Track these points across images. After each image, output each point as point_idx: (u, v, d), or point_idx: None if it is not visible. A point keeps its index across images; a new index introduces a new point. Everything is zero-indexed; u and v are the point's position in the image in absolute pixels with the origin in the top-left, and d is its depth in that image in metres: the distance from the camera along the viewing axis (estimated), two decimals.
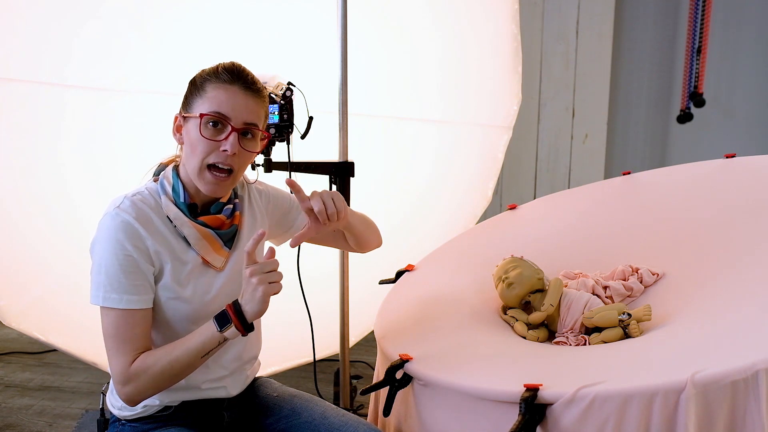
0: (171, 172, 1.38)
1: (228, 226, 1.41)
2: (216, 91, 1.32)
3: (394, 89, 2.61)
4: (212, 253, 1.38)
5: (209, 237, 1.37)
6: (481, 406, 1.23)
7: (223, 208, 1.40)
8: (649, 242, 1.76)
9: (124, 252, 1.28)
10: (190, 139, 1.34)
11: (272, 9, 2.29)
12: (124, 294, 1.28)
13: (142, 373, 1.27)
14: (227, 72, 1.34)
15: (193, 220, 1.36)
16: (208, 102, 1.32)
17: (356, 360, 2.95)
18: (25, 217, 2.22)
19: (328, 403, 1.53)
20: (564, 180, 3.95)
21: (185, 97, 1.37)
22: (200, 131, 1.31)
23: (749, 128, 3.89)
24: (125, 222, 1.29)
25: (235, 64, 1.36)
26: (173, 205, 1.35)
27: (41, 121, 2.17)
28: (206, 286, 1.38)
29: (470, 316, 1.64)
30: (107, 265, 1.28)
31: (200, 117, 1.31)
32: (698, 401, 1.07)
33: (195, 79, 1.36)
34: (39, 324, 2.31)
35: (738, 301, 1.39)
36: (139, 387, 1.28)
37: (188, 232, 1.35)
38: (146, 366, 1.27)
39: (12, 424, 2.53)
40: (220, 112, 1.32)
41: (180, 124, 1.37)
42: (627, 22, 3.89)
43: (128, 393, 1.29)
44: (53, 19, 2.10)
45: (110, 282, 1.28)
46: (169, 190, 1.36)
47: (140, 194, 1.35)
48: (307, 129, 2.03)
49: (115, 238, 1.28)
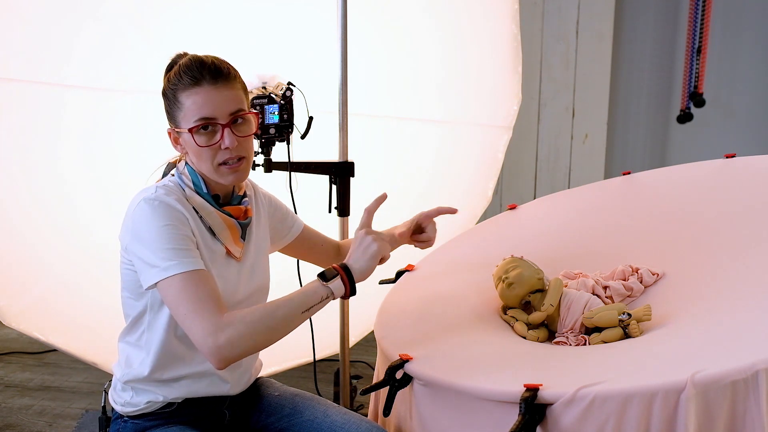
0: (186, 167, 1.40)
1: (245, 217, 1.44)
2: (190, 98, 1.33)
3: (394, 89, 2.61)
4: (233, 244, 1.41)
5: (233, 227, 1.40)
6: (481, 406, 1.23)
7: (242, 200, 1.44)
8: (649, 242, 1.76)
9: (172, 223, 1.28)
10: (192, 150, 1.36)
11: (272, 9, 2.29)
12: (184, 258, 1.26)
13: (238, 321, 1.22)
14: (189, 73, 1.32)
15: (219, 210, 1.39)
16: (189, 112, 1.33)
17: (356, 360, 2.95)
18: (25, 217, 2.22)
19: (330, 401, 1.53)
20: (564, 180, 3.95)
21: (166, 111, 1.39)
22: (196, 142, 1.33)
23: (749, 128, 3.89)
24: (166, 206, 1.30)
25: (192, 60, 1.34)
26: (198, 196, 1.37)
27: (41, 121, 2.17)
28: (230, 277, 1.40)
29: (470, 316, 1.64)
30: (157, 241, 1.26)
31: (190, 132, 1.33)
32: (698, 401, 1.07)
33: (164, 91, 1.37)
34: (39, 324, 2.31)
35: (738, 301, 1.39)
36: (234, 335, 1.20)
37: (214, 222, 1.38)
38: (242, 314, 1.23)
39: (12, 424, 2.53)
40: (204, 117, 1.33)
41: (176, 137, 1.39)
42: (627, 22, 3.89)
43: (221, 345, 1.19)
44: (53, 19, 2.10)
45: (164, 255, 1.26)
46: (190, 183, 1.38)
47: (166, 186, 1.36)
48: (307, 129, 2.03)
49: (159, 216, 1.28)
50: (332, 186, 2.10)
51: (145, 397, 1.40)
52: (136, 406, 1.41)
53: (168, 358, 1.39)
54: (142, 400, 1.40)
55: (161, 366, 1.39)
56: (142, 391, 1.41)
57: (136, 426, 1.42)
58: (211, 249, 1.38)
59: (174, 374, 1.40)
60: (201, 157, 1.35)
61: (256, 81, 2.03)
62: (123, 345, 1.44)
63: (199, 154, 1.35)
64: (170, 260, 1.26)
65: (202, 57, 1.35)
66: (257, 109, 1.92)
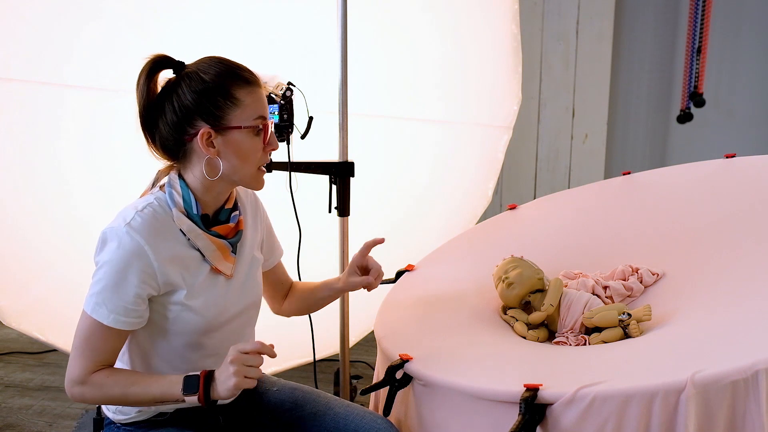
0: (178, 181, 1.33)
1: (234, 233, 1.39)
2: (249, 96, 1.30)
3: (394, 89, 2.61)
4: (223, 262, 1.36)
5: (222, 247, 1.36)
6: (481, 406, 1.24)
7: (231, 215, 1.39)
8: (649, 242, 1.76)
9: (125, 277, 1.25)
10: (239, 150, 1.30)
11: (272, 9, 2.29)
12: (113, 313, 1.26)
13: (97, 388, 1.27)
14: (246, 73, 1.32)
15: (208, 232, 1.34)
16: (249, 109, 1.30)
17: (356, 360, 2.95)
18: (25, 217, 2.22)
19: (330, 394, 1.53)
20: (564, 180, 3.95)
21: (206, 108, 1.28)
22: (261, 140, 1.32)
23: (749, 128, 3.89)
24: (135, 245, 1.25)
25: (232, 61, 1.34)
26: (186, 218, 1.32)
27: (41, 121, 2.17)
28: (217, 297, 1.36)
29: (470, 316, 1.64)
30: (105, 281, 1.26)
31: (261, 127, 1.31)
32: (698, 401, 1.07)
33: (214, 87, 1.28)
34: (39, 324, 2.31)
35: (738, 301, 1.39)
36: (87, 397, 1.28)
37: (203, 245, 1.33)
38: (104, 384, 1.27)
39: (12, 424, 2.53)
40: (262, 115, 1.32)
41: (212, 137, 1.30)
42: (627, 22, 3.89)
43: (75, 395, 1.28)
44: (53, 19, 2.10)
45: (104, 297, 1.25)
46: (180, 201, 1.32)
47: (150, 207, 1.30)
48: (307, 129, 2.03)
49: (121, 261, 1.25)
50: (332, 186, 2.10)
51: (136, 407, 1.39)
52: (126, 414, 1.40)
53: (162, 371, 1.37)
54: (133, 409, 1.39)
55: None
56: None
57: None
58: (192, 272, 1.33)
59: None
60: (248, 159, 1.32)
61: None
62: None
63: (247, 155, 1.31)
64: (104, 306, 1.25)
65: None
66: None
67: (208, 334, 1.36)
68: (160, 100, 1.32)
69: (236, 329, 1.43)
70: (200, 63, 1.32)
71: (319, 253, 2.33)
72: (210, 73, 1.29)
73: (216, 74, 1.29)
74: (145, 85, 1.31)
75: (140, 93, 1.31)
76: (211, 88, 1.28)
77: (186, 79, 1.30)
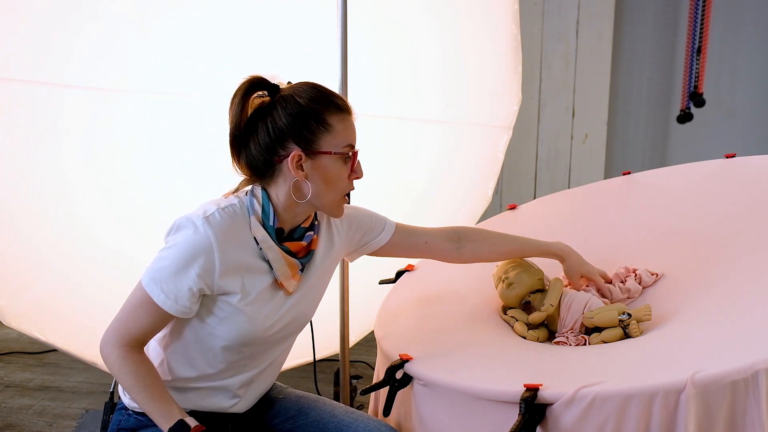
0: (261, 192, 1.36)
1: (305, 253, 1.40)
2: (342, 123, 1.33)
3: (394, 89, 2.61)
4: (289, 279, 1.38)
5: (292, 264, 1.37)
6: (481, 406, 1.24)
7: (305, 234, 1.40)
8: (649, 242, 1.76)
9: (186, 268, 1.27)
10: (327, 176, 1.34)
11: (272, 9, 2.29)
12: (163, 293, 1.28)
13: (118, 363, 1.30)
14: (339, 100, 1.35)
15: (279, 246, 1.35)
16: (340, 136, 1.33)
17: (356, 360, 2.95)
18: (26, 217, 2.22)
19: (335, 402, 1.53)
20: (564, 180, 3.95)
21: (299, 131, 1.31)
22: (349, 167, 1.35)
23: (749, 128, 3.89)
24: (206, 242, 1.28)
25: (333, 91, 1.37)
26: (261, 227, 1.34)
27: (41, 121, 2.16)
28: (272, 310, 1.37)
29: (470, 316, 1.64)
30: (166, 264, 1.28)
31: (350, 154, 1.34)
32: (698, 401, 1.07)
33: (309, 112, 1.32)
34: (39, 324, 2.31)
35: (738, 302, 1.39)
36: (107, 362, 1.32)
37: (273, 257, 1.35)
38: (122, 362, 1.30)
39: (12, 424, 2.53)
40: (351, 143, 1.35)
41: (302, 160, 1.32)
42: (627, 22, 3.89)
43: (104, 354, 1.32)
44: (53, 19, 2.10)
45: (161, 276, 1.28)
46: (259, 210, 1.34)
47: (232, 207, 1.33)
48: None
49: (188, 251, 1.28)
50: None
51: None
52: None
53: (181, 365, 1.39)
54: None
55: (173, 370, 1.39)
56: None
57: (138, 421, 1.42)
58: (254, 279, 1.34)
59: (183, 384, 1.40)
60: (335, 185, 1.35)
61: None
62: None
63: (334, 182, 1.35)
64: (158, 284, 1.28)
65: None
66: None
67: (250, 346, 1.37)
68: (253, 120, 1.34)
69: (279, 339, 1.44)
70: (296, 87, 1.35)
71: None
72: (305, 98, 1.32)
73: (311, 99, 1.32)
74: (239, 105, 1.33)
75: (234, 112, 1.33)
76: (306, 112, 1.32)
77: (282, 101, 1.33)
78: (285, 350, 1.50)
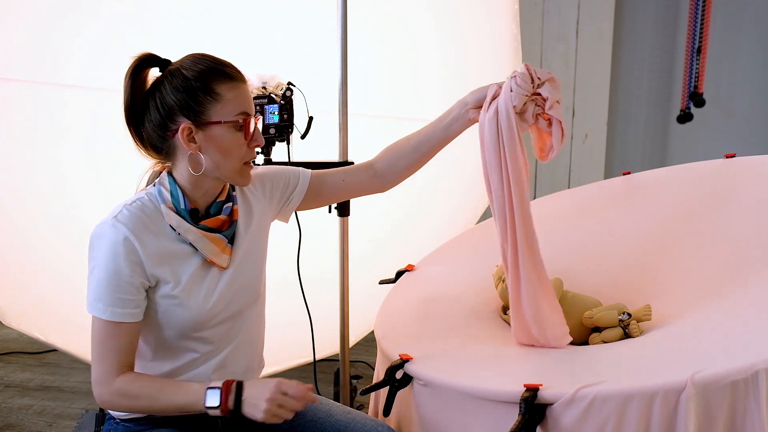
0: (167, 178, 1.35)
1: (229, 225, 1.39)
2: (232, 91, 1.31)
3: (394, 89, 2.61)
4: (219, 255, 1.37)
5: (216, 239, 1.36)
6: (481, 406, 1.24)
7: (223, 207, 1.39)
8: (649, 242, 1.76)
9: (115, 266, 1.27)
10: (221, 145, 1.32)
11: (272, 9, 2.29)
12: (110, 306, 1.28)
13: (124, 397, 1.30)
14: (228, 69, 1.33)
15: (197, 226, 1.34)
16: (230, 105, 1.31)
17: (356, 360, 2.95)
18: (26, 217, 2.22)
19: (333, 401, 1.52)
20: (564, 180, 3.95)
21: (187, 104, 1.31)
22: (244, 135, 1.32)
23: (749, 128, 3.89)
24: (121, 236, 1.27)
25: (218, 58, 1.34)
26: (174, 213, 1.33)
27: (41, 121, 2.17)
28: (209, 289, 1.36)
29: (470, 316, 1.64)
30: (98, 275, 1.28)
31: (233, 123, 1.31)
32: (698, 401, 1.07)
33: (194, 83, 1.31)
34: (39, 324, 2.31)
35: (738, 302, 1.39)
36: (115, 402, 1.32)
37: (194, 238, 1.34)
38: (130, 394, 1.29)
39: (12, 424, 2.53)
40: (245, 111, 1.32)
41: (193, 132, 1.32)
42: (627, 22, 3.89)
43: (104, 401, 1.32)
44: (53, 19, 2.10)
45: (99, 292, 1.28)
46: (168, 197, 1.34)
47: (140, 201, 1.33)
48: (307, 129, 2.04)
49: (109, 251, 1.27)
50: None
51: None
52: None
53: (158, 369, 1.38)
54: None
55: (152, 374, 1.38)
56: None
57: (126, 429, 1.41)
58: (182, 265, 1.34)
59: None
60: (231, 154, 1.32)
61: (256, 81, 2.03)
62: None
63: (230, 150, 1.32)
64: (101, 301, 1.27)
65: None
66: (257, 109, 1.92)
67: (199, 329, 1.36)
68: (145, 98, 1.34)
69: (232, 315, 1.42)
70: (184, 60, 1.34)
71: (319, 253, 2.33)
72: (192, 70, 1.31)
73: (198, 71, 1.31)
74: (129, 83, 1.33)
75: (125, 92, 1.34)
76: (193, 85, 1.31)
77: (169, 76, 1.32)
78: (249, 326, 1.47)
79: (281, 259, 2.08)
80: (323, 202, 1.61)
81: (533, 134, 1.48)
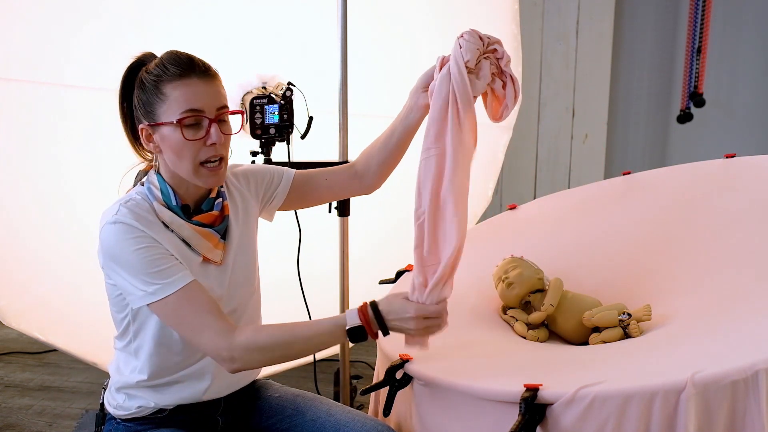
0: (155, 176, 1.35)
1: (221, 220, 1.39)
2: (177, 90, 1.28)
3: (394, 89, 2.61)
4: (212, 250, 1.37)
5: (208, 235, 1.36)
6: (481, 406, 1.24)
7: (215, 204, 1.38)
8: (649, 242, 1.76)
9: (139, 247, 1.26)
10: (172, 146, 1.30)
11: (272, 9, 2.29)
12: (165, 279, 1.26)
13: (255, 351, 1.27)
14: (176, 65, 1.29)
15: (190, 222, 1.34)
16: (175, 104, 1.28)
17: (356, 360, 2.95)
18: (25, 217, 2.22)
19: (333, 401, 1.52)
20: (564, 180, 3.95)
21: (140, 104, 1.31)
22: (183, 136, 1.28)
23: (749, 128, 3.89)
24: (129, 225, 1.27)
25: (177, 53, 1.32)
26: (166, 209, 1.33)
27: (41, 121, 2.16)
28: (208, 287, 1.36)
29: (470, 316, 1.64)
30: (132, 269, 1.26)
31: (178, 123, 1.27)
32: (698, 401, 1.07)
33: (143, 82, 1.31)
34: (39, 324, 2.31)
35: (738, 302, 1.39)
36: (249, 362, 1.28)
37: (188, 234, 1.33)
38: (260, 345, 1.27)
39: (12, 424, 2.53)
40: (192, 108, 1.28)
41: (149, 134, 1.32)
42: (627, 22, 3.89)
43: (234, 360, 1.26)
44: (53, 19, 2.10)
45: (144, 279, 1.25)
46: (159, 194, 1.33)
47: (133, 200, 1.32)
48: (307, 129, 2.03)
49: (127, 242, 1.26)
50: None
51: (137, 402, 1.40)
52: (127, 410, 1.40)
53: (157, 366, 1.37)
54: (134, 404, 1.40)
55: (151, 373, 1.37)
56: (134, 396, 1.40)
57: (127, 429, 1.42)
58: (187, 260, 1.33)
59: (164, 381, 1.38)
60: (182, 154, 1.29)
61: (256, 81, 2.03)
62: (115, 350, 1.44)
63: (180, 150, 1.29)
64: (154, 284, 1.25)
65: (182, 52, 1.32)
66: (257, 109, 1.92)
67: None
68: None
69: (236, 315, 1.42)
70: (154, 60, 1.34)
71: (319, 253, 2.33)
72: (150, 72, 1.31)
73: (152, 72, 1.31)
74: (122, 83, 1.36)
75: (119, 91, 1.36)
76: (146, 85, 1.31)
77: (138, 79, 1.33)
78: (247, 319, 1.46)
79: (281, 259, 2.08)
80: (310, 201, 1.60)
81: (487, 97, 1.45)
